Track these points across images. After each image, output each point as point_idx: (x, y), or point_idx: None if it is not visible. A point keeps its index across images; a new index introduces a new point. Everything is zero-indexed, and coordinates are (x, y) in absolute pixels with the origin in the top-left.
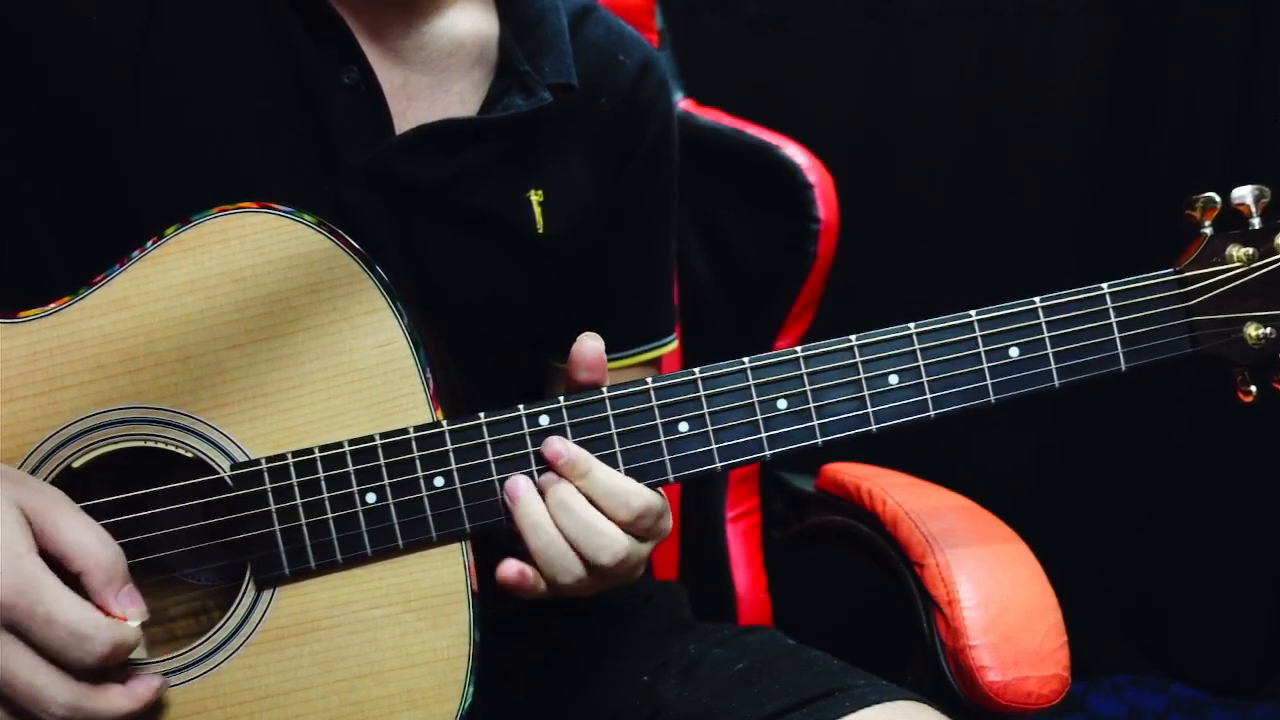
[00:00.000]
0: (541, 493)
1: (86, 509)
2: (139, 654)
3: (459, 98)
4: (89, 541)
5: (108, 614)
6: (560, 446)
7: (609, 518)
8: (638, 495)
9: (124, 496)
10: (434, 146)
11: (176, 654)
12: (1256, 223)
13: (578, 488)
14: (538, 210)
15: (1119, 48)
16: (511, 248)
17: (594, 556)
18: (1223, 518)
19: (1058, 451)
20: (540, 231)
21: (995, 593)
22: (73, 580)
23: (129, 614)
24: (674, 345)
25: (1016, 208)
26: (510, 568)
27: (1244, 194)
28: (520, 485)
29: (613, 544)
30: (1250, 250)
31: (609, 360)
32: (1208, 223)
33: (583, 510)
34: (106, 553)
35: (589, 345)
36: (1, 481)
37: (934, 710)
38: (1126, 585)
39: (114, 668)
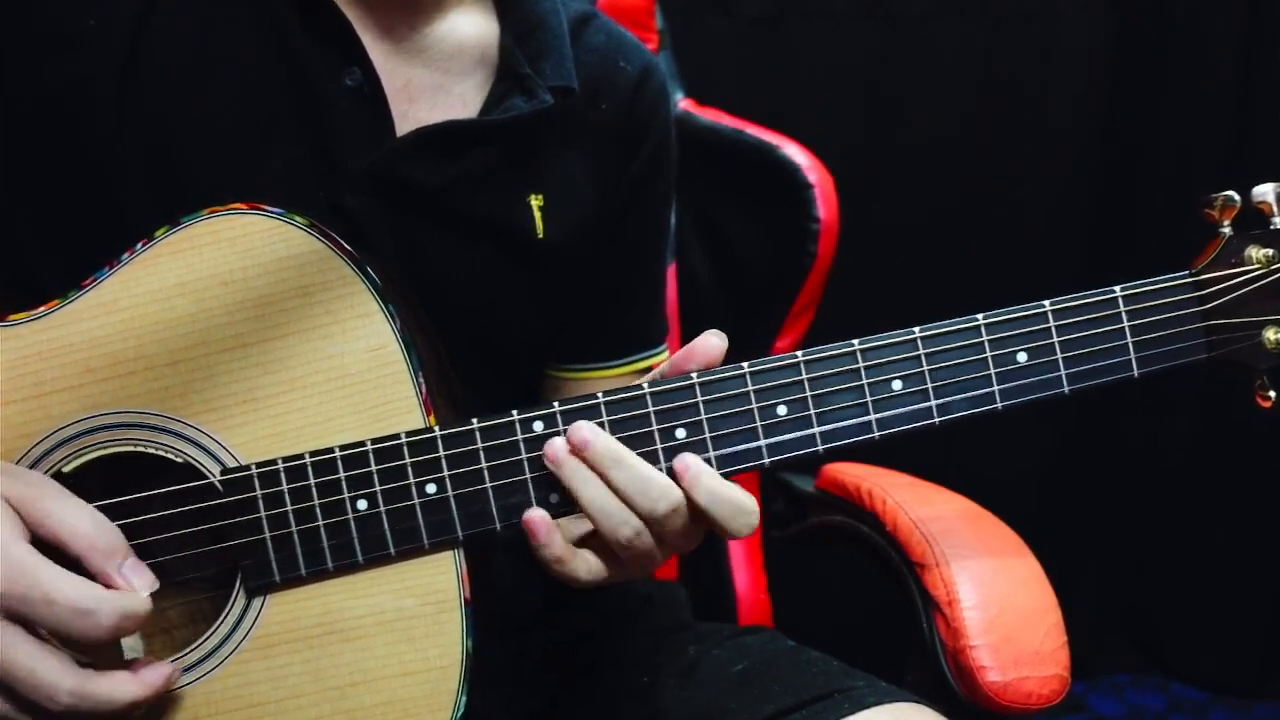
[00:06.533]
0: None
1: None
2: (136, 646)
3: (460, 100)
4: (81, 523)
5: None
6: (589, 434)
7: (634, 511)
8: (664, 497)
9: (113, 501)
10: (436, 149)
11: (168, 660)
12: (1278, 222)
13: (606, 479)
14: (538, 215)
15: (1119, 47)
16: (511, 252)
17: (651, 509)
18: (1222, 518)
19: (1058, 452)
20: (540, 236)
21: (995, 593)
22: (75, 567)
23: (136, 585)
24: (665, 355)
25: (1017, 208)
26: (535, 513)
27: (1265, 192)
28: (558, 446)
29: (668, 492)
30: (1271, 251)
31: (599, 369)
32: (1227, 222)
33: (635, 463)
34: (101, 531)
35: (713, 343)
36: None
37: (933, 712)
38: (1126, 585)
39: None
